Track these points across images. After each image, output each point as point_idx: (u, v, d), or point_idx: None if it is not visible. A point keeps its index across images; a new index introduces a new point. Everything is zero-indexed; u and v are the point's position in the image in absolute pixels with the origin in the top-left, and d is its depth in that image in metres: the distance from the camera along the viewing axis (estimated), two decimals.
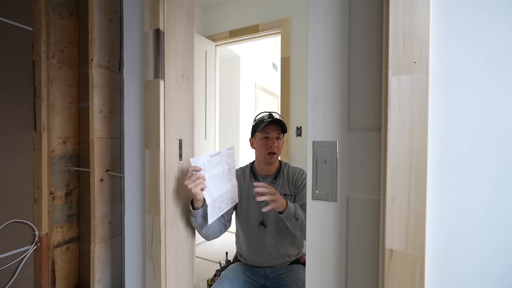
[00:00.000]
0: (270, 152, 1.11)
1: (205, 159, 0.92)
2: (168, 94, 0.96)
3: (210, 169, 0.95)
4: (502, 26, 0.45)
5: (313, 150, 0.61)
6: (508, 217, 0.45)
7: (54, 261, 1.44)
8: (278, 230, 1.11)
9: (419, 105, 0.47)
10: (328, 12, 0.60)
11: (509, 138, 0.44)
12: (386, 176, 0.49)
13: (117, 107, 1.36)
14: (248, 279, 1.11)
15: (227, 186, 1.03)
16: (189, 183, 0.89)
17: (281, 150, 1.16)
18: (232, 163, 1.05)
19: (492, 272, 0.46)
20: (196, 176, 0.90)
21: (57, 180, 1.45)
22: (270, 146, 1.11)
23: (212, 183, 0.96)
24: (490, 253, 0.46)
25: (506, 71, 0.45)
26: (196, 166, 0.91)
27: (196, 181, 0.89)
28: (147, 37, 0.95)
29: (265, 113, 1.20)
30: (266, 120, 1.13)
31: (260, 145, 1.14)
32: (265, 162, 1.14)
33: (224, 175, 1.02)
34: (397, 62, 0.48)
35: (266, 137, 1.12)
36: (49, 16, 1.40)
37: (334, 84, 0.59)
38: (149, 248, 0.97)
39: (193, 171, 0.90)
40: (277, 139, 1.13)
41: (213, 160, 0.96)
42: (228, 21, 2.53)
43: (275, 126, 1.13)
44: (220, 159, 0.99)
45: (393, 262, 0.49)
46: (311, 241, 0.62)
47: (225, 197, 1.02)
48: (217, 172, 0.98)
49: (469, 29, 0.46)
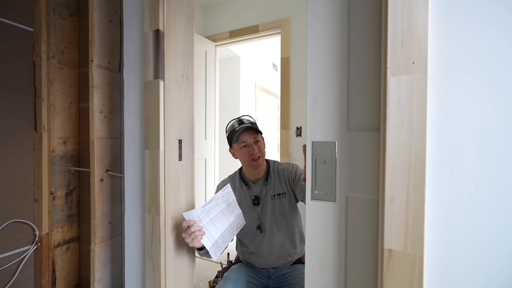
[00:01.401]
0: (253, 159, 1.10)
1: (198, 211, 0.91)
2: (168, 94, 0.96)
3: (207, 215, 0.94)
4: (501, 25, 0.45)
5: (312, 150, 0.61)
6: (507, 216, 0.45)
7: (54, 261, 1.45)
8: (276, 231, 1.11)
9: (417, 105, 0.47)
10: (327, 12, 0.60)
11: (508, 137, 0.45)
12: (385, 176, 0.50)
13: (117, 108, 1.36)
14: (251, 279, 1.11)
15: (230, 220, 1.02)
16: (186, 238, 0.90)
17: (264, 150, 1.14)
18: (230, 198, 1.02)
19: (491, 272, 0.46)
20: (191, 230, 0.89)
21: (57, 180, 1.46)
22: (251, 153, 1.09)
23: (212, 225, 0.96)
24: (489, 253, 0.46)
25: (505, 71, 0.45)
26: (189, 221, 0.90)
27: (192, 235, 0.89)
28: (147, 38, 0.95)
29: (234, 121, 1.17)
30: (237, 128, 1.11)
31: (241, 154, 1.12)
32: (253, 168, 1.13)
33: (224, 212, 1.00)
34: (395, 62, 0.49)
35: (245, 146, 1.10)
36: (49, 16, 1.41)
37: (333, 84, 0.59)
38: (149, 248, 0.97)
39: (187, 226, 0.90)
40: (256, 142, 1.11)
41: (208, 207, 0.94)
42: (228, 21, 2.53)
43: (249, 132, 1.10)
44: (216, 202, 0.97)
45: (392, 261, 0.49)
46: (310, 241, 0.62)
47: (228, 230, 1.01)
48: (215, 214, 0.97)
49: (468, 29, 0.46)
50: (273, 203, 1.11)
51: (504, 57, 0.45)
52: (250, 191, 1.16)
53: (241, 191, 1.17)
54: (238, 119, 1.16)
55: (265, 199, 1.12)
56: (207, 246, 0.92)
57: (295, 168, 1.14)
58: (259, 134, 1.14)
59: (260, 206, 1.12)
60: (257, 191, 1.14)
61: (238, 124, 1.13)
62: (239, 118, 1.17)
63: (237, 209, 1.05)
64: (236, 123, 1.15)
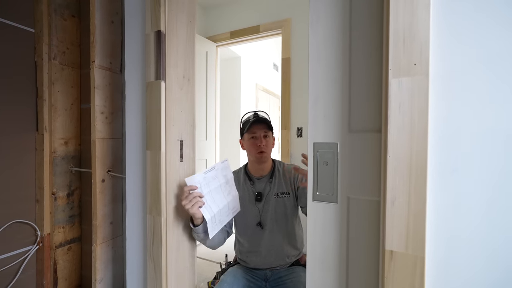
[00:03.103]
0: (259, 151, 1.12)
1: (200, 177, 0.93)
2: (169, 95, 0.96)
3: (207, 185, 0.95)
4: (503, 27, 0.45)
5: (314, 151, 0.61)
6: (509, 219, 0.45)
7: (56, 261, 1.45)
8: (276, 230, 1.11)
9: (419, 107, 0.47)
10: (329, 13, 0.60)
11: (509, 139, 0.45)
12: (386, 178, 0.50)
13: (119, 108, 1.37)
14: (248, 283, 1.10)
15: (227, 198, 1.03)
16: (186, 203, 0.90)
17: (271, 148, 1.17)
18: (228, 175, 1.05)
19: (492, 274, 0.46)
20: (193, 195, 0.90)
21: (59, 180, 1.46)
22: (258, 145, 1.11)
23: (211, 198, 0.97)
24: (490, 255, 0.46)
25: (506, 73, 0.45)
26: (192, 185, 0.91)
27: (192, 200, 0.89)
28: (148, 39, 0.95)
29: (251, 113, 1.20)
30: (251, 120, 1.14)
31: (249, 145, 1.15)
32: (257, 162, 1.15)
33: (223, 188, 1.02)
34: (397, 64, 0.49)
35: (254, 137, 1.13)
36: (51, 17, 1.41)
37: (335, 85, 0.59)
38: (150, 248, 0.97)
39: (189, 191, 0.91)
40: (265, 137, 1.13)
41: (208, 176, 0.96)
42: (229, 22, 2.53)
43: (261, 125, 1.13)
44: (216, 173, 0.99)
45: (393, 263, 0.49)
46: (311, 242, 0.62)
47: (225, 209, 1.02)
48: (215, 187, 0.99)
49: (470, 31, 0.46)
50: (276, 201, 1.11)
51: (506, 58, 0.45)
52: (253, 186, 1.16)
53: (245, 186, 1.18)
54: (254, 112, 1.20)
55: (268, 196, 1.13)
56: (207, 217, 0.92)
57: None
58: (271, 131, 1.16)
59: (262, 203, 1.13)
60: (261, 187, 1.15)
61: (253, 116, 1.17)
62: (255, 111, 1.20)
63: (234, 190, 1.07)
64: (251, 115, 1.18)
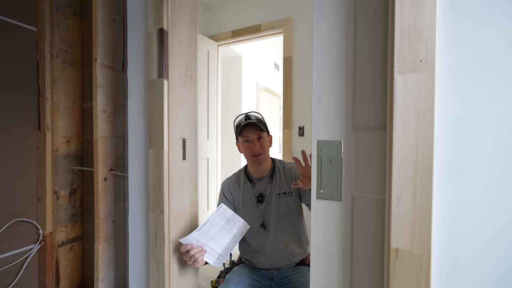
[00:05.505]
0: (254, 154, 1.11)
1: (194, 235, 0.93)
2: (172, 93, 0.96)
3: (205, 235, 0.96)
4: (510, 23, 0.44)
5: (318, 149, 0.61)
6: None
7: (58, 260, 1.45)
8: (280, 230, 1.10)
9: (425, 104, 0.47)
10: (333, 11, 0.60)
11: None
12: (392, 175, 0.49)
13: (121, 107, 1.37)
14: (254, 282, 1.10)
15: (232, 232, 1.03)
16: (187, 261, 0.94)
17: (267, 148, 1.15)
18: (228, 215, 1.02)
19: (498, 272, 0.45)
20: (190, 254, 0.92)
21: (61, 179, 1.46)
22: (252, 149, 1.10)
23: (214, 242, 0.98)
24: (496, 253, 0.45)
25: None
26: (186, 246, 0.93)
27: (192, 258, 0.93)
28: (151, 37, 0.95)
29: (242, 116, 1.19)
30: (243, 123, 1.13)
31: (243, 149, 1.14)
32: (255, 164, 1.14)
33: (225, 227, 1.01)
34: (402, 60, 0.48)
35: (247, 140, 1.12)
36: (53, 16, 1.41)
37: (339, 82, 0.59)
38: (153, 247, 0.97)
39: (186, 251, 0.93)
40: (259, 139, 1.12)
41: (203, 230, 0.95)
42: (230, 21, 2.53)
43: (253, 128, 1.11)
44: (212, 223, 0.98)
45: (399, 261, 0.49)
46: (315, 240, 0.62)
47: (233, 241, 1.03)
48: (215, 231, 0.98)
49: (476, 26, 0.46)
50: (278, 202, 1.11)
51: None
52: (254, 188, 1.16)
53: (245, 188, 1.17)
54: (245, 114, 1.18)
55: (270, 197, 1.12)
56: (211, 262, 0.95)
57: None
58: (265, 132, 1.14)
59: (264, 204, 1.12)
60: (262, 188, 1.15)
61: (244, 119, 1.15)
62: (247, 113, 1.18)
63: (239, 220, 1.05)
64: (243, 118, 1.17)
